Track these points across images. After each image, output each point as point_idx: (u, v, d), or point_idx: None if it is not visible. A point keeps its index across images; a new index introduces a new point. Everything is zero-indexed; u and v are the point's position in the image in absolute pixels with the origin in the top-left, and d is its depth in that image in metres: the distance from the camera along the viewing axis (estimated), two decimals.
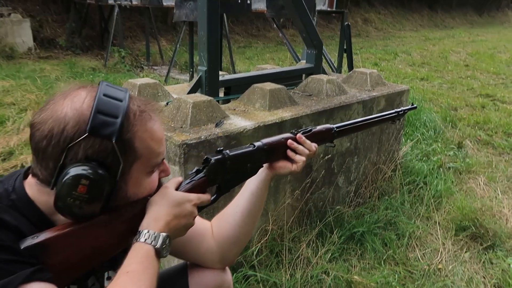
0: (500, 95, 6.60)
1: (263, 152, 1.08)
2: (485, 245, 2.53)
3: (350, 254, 2.31)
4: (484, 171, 3.59)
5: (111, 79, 6.03)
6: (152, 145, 0.85)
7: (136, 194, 0.88)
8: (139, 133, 0.83)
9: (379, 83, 2.87)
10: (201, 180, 0.97)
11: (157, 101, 2.23)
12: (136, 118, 0.82)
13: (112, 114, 0.79)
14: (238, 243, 1.18)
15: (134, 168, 0.84)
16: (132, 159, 0.83)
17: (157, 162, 0.89)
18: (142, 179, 0.88)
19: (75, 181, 0.76)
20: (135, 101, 0.86)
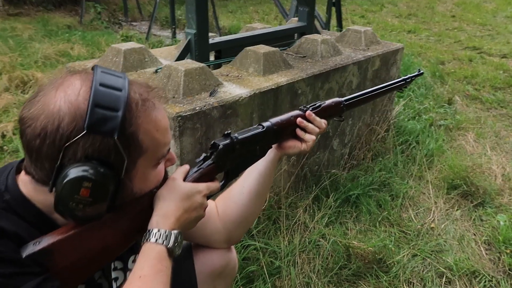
0: (487, 48, 6.56)
1: (272, 132, 1.02)
2: (475, 203, 2.59)
3: (346, 217, 2.34)
4: (473, 128, 3.62)
5: (88, 37, 5.72)
6: (157, 136, 0.78)
7: (143, 189, 0.81)
8: (143, 125, 0.74)
9: (374, 42, 2.77)
10: (209, 168, 0.91)
11: (144, 68, 2.10)
12: (139, 109, 0.74)
13: (111, 107, 0.70)
14: (245, 223, 1.16)
15: (139, 163, 0.77)
16: (137, 154, 0.75)
17: (163, 154, 0.82)
18: (148, 173, 0.81)
19: (77, 184, 0.68)
20: (135, 88, 0.76)
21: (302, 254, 2.01)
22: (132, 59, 2.07)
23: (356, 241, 2.06)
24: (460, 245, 2.23)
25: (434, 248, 2.19)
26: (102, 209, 0.73)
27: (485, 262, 2.13)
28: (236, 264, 1.26)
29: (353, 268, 1.96)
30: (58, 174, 0.69)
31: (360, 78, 2.54)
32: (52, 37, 5.71)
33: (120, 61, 2.04)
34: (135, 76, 1.99)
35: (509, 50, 6.41)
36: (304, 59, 2.38)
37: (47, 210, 0.77)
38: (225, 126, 1.77)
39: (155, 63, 2.14)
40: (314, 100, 2.24)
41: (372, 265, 1.98)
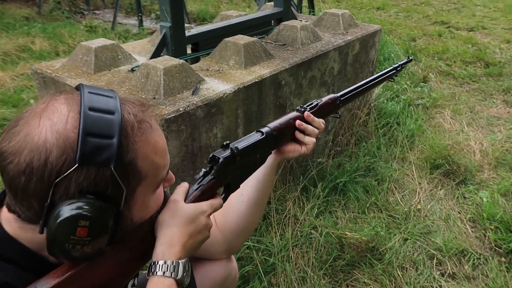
0: (454, 22, 6.66)
1: (272, 138, 0.97)
2: (457, 181, 2.64)
3: (334, 206, 2.33)
4: (448, 104, 3.68)
5: (49, 30, 5.40)
6: (156, 160, 0.71)
7: (143, 217, 0.75)
8: (141, 150, 0.67)
9: (352, 25, 2.73)
10: (210, 184, 0.84)
11: (118, 66, 1.98)
12: (135, 133, 0.66)
13: (105, 134, 0.62)
14: (245, 232, 1.11)
15: (138, 191, 0.70)
16: (136, 182, 0.68)
17: (163, 177, 0.75)
18: (148, 200, 0.74)
19: (72, 224, 0.61)
20: (128, 108, 0.68)
21: (295, 248, 1.99)
22: (104, 57, 1.94)
23: (348, 231, 2.06)
24: (447, 225, 2.27)
25: (423, 230, 2.22)
26: (101, 246, 0.66)
27: (472, 240, 2.18)
28: (237, 273, 1.22)
29: (347, 259, 1.96)
30: (49, 214, 0.61)
31: (341, 64, 2.50)
32: (9, 30, 5.35)
33: (92, 60, 1.91)
34: (109, 76, 1.87)
35: (475, 23, 6.53)
36: (284, 47, 2.31)
37: (37, 247, 0.69)
38: (210, 125, 1.70)
39: (129, 60, 2.02)
40: (298, 90, 2.18)
41: (366, 253, 1.99)
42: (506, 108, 3.74)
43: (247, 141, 0.92)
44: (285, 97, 2.10)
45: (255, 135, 0.96)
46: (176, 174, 1.61)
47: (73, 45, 4.83)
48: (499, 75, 4.38)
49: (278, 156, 1.05)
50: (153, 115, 0.72)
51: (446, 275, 1.96)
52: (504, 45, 5.40)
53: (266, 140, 0.96)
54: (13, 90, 3.59)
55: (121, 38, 5.21)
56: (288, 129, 1.02)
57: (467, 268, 2.00)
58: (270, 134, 0.97)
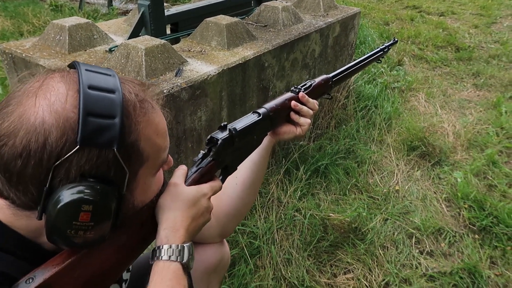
0: (426, 6, 6.77)
1: (268, 119, 0.96)
2: (433, 162, 2.71)
3: (316, 188, 2.35)
4: (422, 88, 3.76)
5: (11, 8, 5.10)
6: (158, 141, 0.68)
7: (144, 200, 0.72)
8: (143, 130, 0.64)
9: (332, 7, 2.71)
10: (209, 166, 0.82)
11: (94, 46, 1.88)
12: (137, 113, 0.63)
13: (107, 113, 0.58)
14: (238, 215, 1.10)
15: (140, 173, 0.67)
16: (138, 164, 0.65)
17: (164, 160, 0.72)
18: (149, 183, 0.71)
19: (74, 209, 0.57)
20: (129, 87, 0.64)
21: (280, 230, 2.00)
22: (79, 36, 1.84)
23: (331, 213, 2.08)
24: (424, 205, 2.34)
25: (402, 210, 2.27)
26: (105, 231, 0.63)
27: (447, 218, 2.26)
28: (229, 257, 1.21)
29: (331, 240, 1.99)
30: (47, 199, 0.57)
31: (322, 46, 2.48)
32: None
33: (66, 40, 1.80)
34: (85, 56, 1.78)
35: (445, 8, 6.66)
36: (266, 28, 2.27)
37: (31, 235, 0.65)
38: (194, 108, 1.65)
39: (105, 40, 1.92)
40: (280, 72, 2.16)
41: (349, 234, 2.02)
42: (476, 91, 3.86)
43: (244, 122, 0.90)
44: (268, 80, 2.08)
45: (252, 116, 0.94)
46: None
47: (38, 24, 4.58)
48: (469, 59, 4.50)
49: (273, 137, 1.04)
50: (153, 95, 0.69)
51: (425, 252, 2.02)
52: (473, 30, 5.55)
53: (263, 120, 0.94)
54: None
55: (90, 18, 4.98)
56: (283, 110, 1.01)
57: (444, 246, 2.08)
58: (266, 114, 0.95)
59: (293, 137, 1.05)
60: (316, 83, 1.11)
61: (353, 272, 1.88)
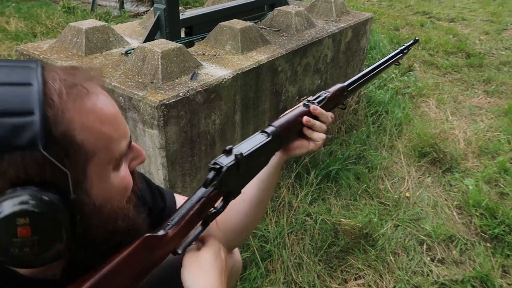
0: (436, 12, 6.76)
1: (278, 139, 0.88)
2: (444, 169, 2.70)
3: (327, 193, 2.34)
4: (433, 94, 3.74)
5: (25, 10, 5.17)
6: (104, 130, 0.58)
7: (108, 199, 0.61)
8: (77, 119, 0.54)
9: (344, 12, 2.72)
10: (212, 195, 0.76)
11: (110, 49, 1.91)
12: (64, 100, 0.54)
13: (22, 110, 0.50)
14: (245, 231, 1.05)
15: (90, 170, 0.57)
16: (82, 160, 0.56)
17: (121, 152, 0.61)
18: (108, 178, 0.61)
19: (9, 224, 0.50)
20: (54, 74, 0.56)
21: (291, 235, 2.00)
22: (95, 39, 1.86)
23: (342, 218, 2.08)
24: (435, 212, 2.33)
25: (413, 217, 2.27)
26: (61, 243, 0.54)
27: (459, 226, 2.24)
28: (240, 264, 1.20)
29: (342, 245, 1.98)
30: None
31: (334, 51, 2.49)
32: None
33: (82, 42, 1.83)
34: (102, 58, 1.80)
35: (455, 14, 6.65)
36: (279, 33, 2.28)
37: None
38: (209, 111, 1.66)
39: (121, 43, 1.95)
40: (293, 77, 2.17)
41: (360, 240, 2.01)
42: (487, 98, 3.84)
43: (251, 144, 0.83)
44: (281, 84, 2.09)
45: (260, 136, 0.86)
46: (175, 161, 1.58)
47: (51, 26, 4.64)
48: (480, 66, 4.48)
49: (283, 154, 0.96)
50: (89, 77, 0.59)
51: (436, 260, 2.01)
52: (483, 36, 5.53)
53: (272, 141, 0.87)
54: None
55: (102, 20, 5.03)
56: (295, 127, 0.94)
57: (455, 253, 2.06)
58: (276, 134, 0.88)
59: (306, 152, 0.96)
60: (331, 94, 1.03)
61: (363, 278, 1.88)
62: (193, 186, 1.73)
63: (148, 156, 1.58)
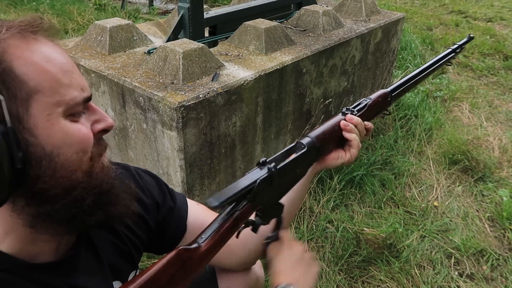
0: (472, 11, 6.48)
1: (314, 151, 0.85)
2: (476, 177, 2.56)
3: (350, 199, 2.27)
4: (467, 98, 3.57)
5: (58, 6, 5.29)
6: (49, 69, 0.56)
7: (60, 147, 0.57)
8: (16, 50, 0.54)
9: (374, 11, 2.62)
10: (245, 209, 0.73)
11: (133, 47, 1.90)
12: (2, 33, 0.54)
13: None
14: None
15: (35, 108, 0.55)
16: (23, 94, 0.54)
17: (73, 99, 0.58)
18: (60, 124, 0.57)
19: None
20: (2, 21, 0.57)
21: (311, 242, 1.94)
22: (119, 37, 1.86)
23: (365, 226, 2.00)
24: (465, 223, 2.21)
25: (441, 227, 2.16)
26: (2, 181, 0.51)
27: (491, 240, 2.12)
28: (263, 277, 1.15)
29: (364, 255, 1.91)
30: None
31: (363, 52, 2.40)
32: (17, 6, 5.24)
33: (106, 40, 1.83)
34: (124, 57, 1.79)
35: (494, 13, 6.35)
36: (305, 33, 2.21)
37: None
38: (229, 113, 1.62)
39: (144, 42, 1.93)
40: (318, 79, 2.10)
41: (383, 250, 1.93)
42: None
43: (286, 157, 0.80)
44: (305, 86, 2.02)
45: (296, 148, 0.83)
46: (193, 163, 1.55)
47: (82, 23, 4.73)
48: None
49: (317, 165, 0.91)
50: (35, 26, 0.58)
51: (465, 275, 1.91)
52: None
53: (308, 153, 0.83)
54: None
55: (131, 17, 5.09)
56: (332, 137, 0.88)
57: (486, 269, 1.95)
58: (312, 146, 0.84)
59: (341, 164, 0.91)
60: (372, 101, 0.96)
61: None
62: (212, 189, 1.70)
63: (167, 158, 1.56)
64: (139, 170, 0.90)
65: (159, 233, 0.88)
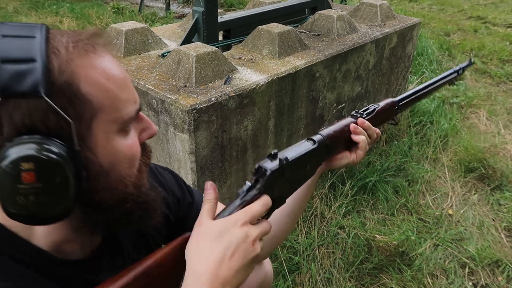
0: (491, 17, 6.37)
1: (324, 147, 0.86)
2: (493, 186, 2.51)
3: (362, 205, 2.24)
4: (484, 104, 3.51)
5: (77, 10, 5.41)
6: (110, 86, 0.57)
7: (114, 164, 0.60)
8: (82, 70, 0.55)
9: (389, 16, 2.59)
10: (255, 199, 0.72)
11: (148, 50, 1.92)
12: (70, 51, 0.54)
13: (25, 57, 0.51)
14: (276, 241, 1.01)
15: (96, 126, 0.56)
16: (87, 112, 0.55)
17: (128, 114, 0.60)
18: (115, 141, 0.59)
19: (12, 170, 0.50)
20: (63, 32, 0.58)
21: (321, 247, 1.93)
22: (134, 41, 1.88)
23: (377, 233, 1.98)
24: (480, 233, 2.16)
25: (455, 236, 2.12)
26: (67, 195, 0.54)
27: (507, 250, 2.07)
28: (272, 276, 1.15)
29: (375, 262, 1.88)
30: None
31: (377, 57, 2.38)
32: (38, 9, 5.38)
33: (122, 43, 1.85)
34: (139, 60, 1.82)
35: None
36: (319, 37, 2.21)
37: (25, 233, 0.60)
38: (241, 117, 1.63)
39: (159, 45, 1.96)
40: (331, 83, 2.09)
41: (395, 258, 1.90)
42: None
43: (297, 151, 0.80)
44: (318, 90, 2.01)
45: (306, 144, 0.84)
46: (204, 166, 1.56)
47: (100, 26, 4.82)
48: None
49: (324, 165, 0.93)
50: (97, 40, 0.59)
51: (479, 286, 1.86)
52: None
53: (318, 149, 0.84)
54: None
55: (148, 21, 5.17)
56: (342, 137, 0.90)
57: (501, 280, 1.90)
58: (323, 143, 0.85)
59: (346, 164, 0.93)
60: (380, 107, 0.99)
61: None
62: (222, 192, 1.70)
63: (178, 160, 1.57)
64: (158, 168, 0.92)
65: (178, 228, 0.90)
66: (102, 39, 0.60)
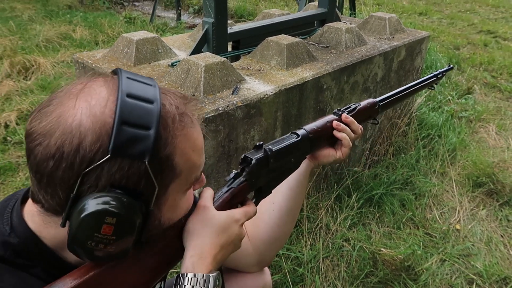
0: (502, 31, 6.36)
1: (308, 141, 0.92)
2: (501, 201, 2.48)
3: (368, 218, 2.23)
4: (493, 119, 3.48)
5: (90, 19, 5.50)
6: (193, 158, 0.63)
7: (171, 219, 0.67)
8: (180, 145, 0.60)
9: (398, 30, 2.60)
10: (241, 186, 0.78)
11: (158, 60, 1.95)
12: (176, 126, 0.59)
13: (142, 124, 0.56)
14: (277, 243, 1.04)
15: (171, 189, 0.63)
16: (169, 179, 0.61)
17: (197, 177, 0.68)
18: (179, 200, 0.67)
19: (98, 220, 0.54)
20: (170, 99, 0.61)
21: (326, 260, 1.91)
22: (145, 50, 1.91)
23: (382, 247, 1.96)
24: (488, 249, 2.13)
25: (462, 252, 2.09)
26: (126, 246, 0.59)
27: None
28: (271, 285, 1.15)
29: (380, 276, 1.86)
30: (73, 206, 0.55)
31: (385, 70, 2.39)
32: (53, 18, 5.48)
33: (132, 52, 1.88)
34: (149, 69, 1.85)
35: None
36: (327, 49, 2.22)
37: (58, 246, 0.63)
38: (248, 127, 1.64)
39: (169, 55, 1.99)
40: (339, 95, 2.10)
41: (400, 272, 1.88)
42: None
43: (281, 143, 0.87)
44: (325, 102, 2.02)
45: (290, 137, 0.90)
46: (210, 175, 1.57)
47: (112, 35, 4.89)
48: None
49: (311, 161, 0.99)
50: (194, 109, 0.65)
51: None
52: None
53: (302, 143, 0.90)
54: (53, 76, 3.65)
55: (159, 31, 5.24)
56: (324, 132, 0.96)
57: None
58: (306, 136, 0.91)
59: (333, 161, 1.00)
60: (362, 106, 1.06)
61: None
62: None
63: None
64: None
65: None
66: (197, 107, 0.66)
